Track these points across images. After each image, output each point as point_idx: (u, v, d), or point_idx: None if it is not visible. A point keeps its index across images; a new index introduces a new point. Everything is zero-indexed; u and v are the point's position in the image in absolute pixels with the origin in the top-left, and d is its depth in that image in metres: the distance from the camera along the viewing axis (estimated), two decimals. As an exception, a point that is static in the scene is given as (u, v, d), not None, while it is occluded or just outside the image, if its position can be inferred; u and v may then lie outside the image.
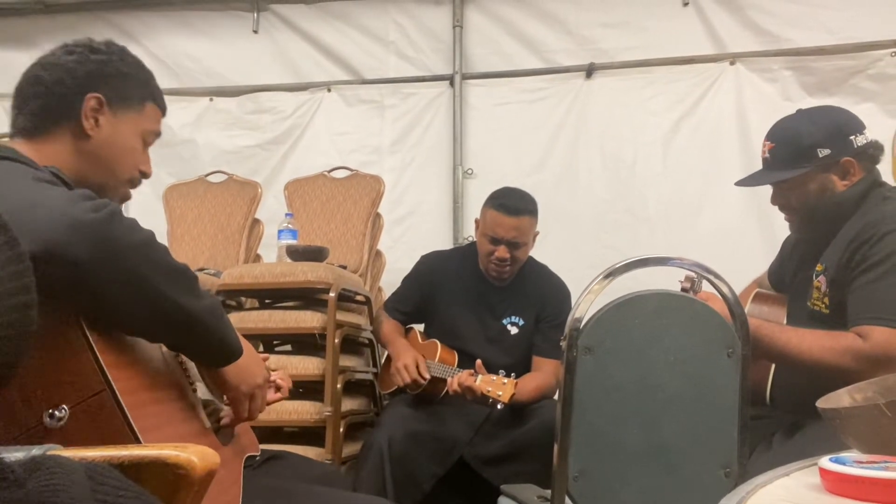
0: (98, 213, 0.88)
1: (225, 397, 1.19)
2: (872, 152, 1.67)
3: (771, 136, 1.73)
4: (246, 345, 1.16)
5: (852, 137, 1.64)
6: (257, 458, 1.34)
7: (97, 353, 0.88)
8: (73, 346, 0.88)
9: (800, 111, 1.75)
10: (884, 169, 1.77)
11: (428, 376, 2.22)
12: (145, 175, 1.24)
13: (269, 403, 1.31)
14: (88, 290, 0.87)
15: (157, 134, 1.26)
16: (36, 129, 1.14)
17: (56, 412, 0.85)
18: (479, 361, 2.12)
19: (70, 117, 1.14)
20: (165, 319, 0.97)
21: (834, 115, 1.71)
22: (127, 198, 1.25)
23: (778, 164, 1.69)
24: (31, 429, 0.85)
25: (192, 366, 1.17)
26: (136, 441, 0.87)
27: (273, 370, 1.45)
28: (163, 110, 1.28)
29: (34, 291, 0.56)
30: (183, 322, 0.98)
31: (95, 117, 1.15)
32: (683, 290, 1.58)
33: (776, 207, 1.78)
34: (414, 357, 2.25)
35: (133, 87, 1.21)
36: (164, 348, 1.09)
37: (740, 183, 1.80)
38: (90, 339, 0.89)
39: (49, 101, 1.14)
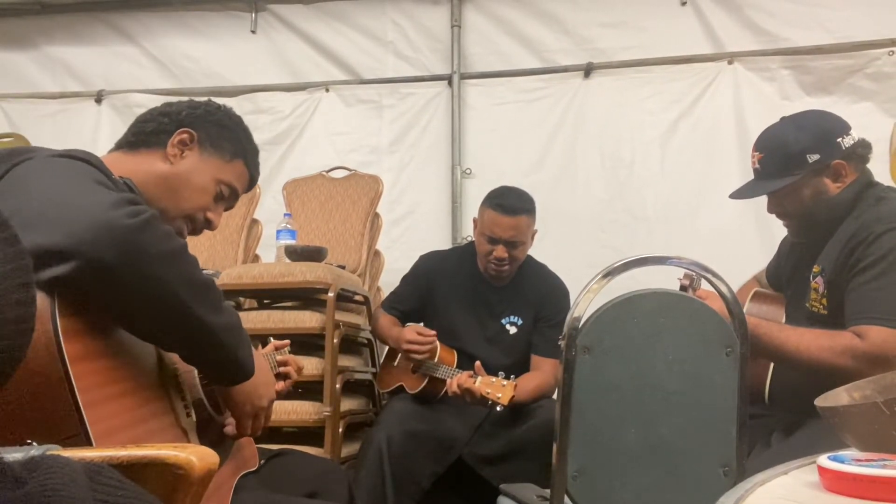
0: (133, 220, 0.90)
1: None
2: (861, 152, 1.66)
3: (759, 145, 1.73)
4: (260, 365, 1.16)
5: (839, 139, 1.63)
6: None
7: (76, 395, 0.83)
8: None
9: (784, 118, 1.74)
10: (882, 168, 1.77)
11: (434, 334, 2.25)
12: (208, 223, 1.27)
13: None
14: (111, 291, 0.90)
15: (233, 192, 1.30)
16: (128, 145, 1.24)
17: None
18: (478, 363, 2.11)
19: (160, 143, 1.23)
20: (182, 330, 0.98)
21: (819, 119, 1.70)
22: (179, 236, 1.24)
23: (769, 174, 1.69)
24: None
25: (187, 384, 1.15)
26: None
27: (284, 359, 1.45)
28: (252, 178, 1.35)
29: (34, 288, 0.57)
30: (199, 335, 0.99)
31: (182, 150, 1.23)
32: (682, 288, 1.59)
33: None
34: (412, 328, 2.29)
35: (228, 140, 1.29)
36: (161, 371, 1.07)
37: (735, 195, 1.79)
38: (71, 379, 0.83)
39: (149, 125, 1.25)
